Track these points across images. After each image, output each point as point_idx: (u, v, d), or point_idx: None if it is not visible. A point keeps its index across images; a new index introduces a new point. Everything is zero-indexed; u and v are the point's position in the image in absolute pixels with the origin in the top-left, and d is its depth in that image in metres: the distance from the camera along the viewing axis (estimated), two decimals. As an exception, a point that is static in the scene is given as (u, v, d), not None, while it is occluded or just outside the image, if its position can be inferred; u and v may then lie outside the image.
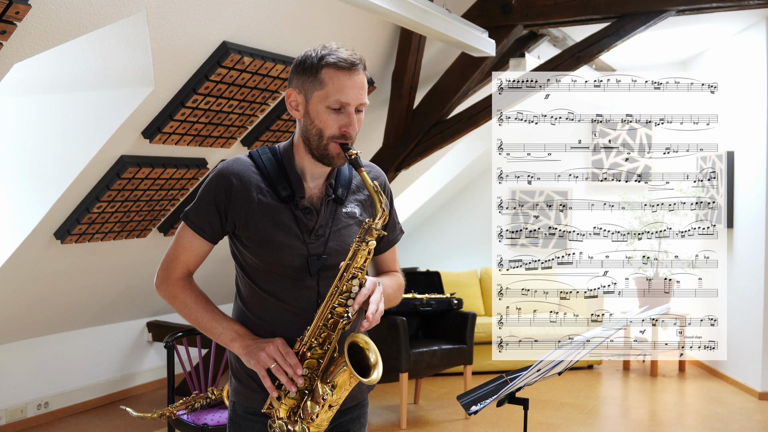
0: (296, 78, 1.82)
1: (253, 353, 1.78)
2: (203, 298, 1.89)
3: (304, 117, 1.82)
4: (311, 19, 4.13)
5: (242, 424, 1.89)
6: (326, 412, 1.80)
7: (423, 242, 8.26)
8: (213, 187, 1.84)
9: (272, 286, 1.84)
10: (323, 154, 1.82)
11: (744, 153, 5.97)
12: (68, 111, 3.80)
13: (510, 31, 4.93)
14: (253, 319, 1.87)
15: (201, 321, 1.86)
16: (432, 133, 5.32)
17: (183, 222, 1.89)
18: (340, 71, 1.77)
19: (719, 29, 5.89)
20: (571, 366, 2.77)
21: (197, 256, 1.89)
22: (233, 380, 1.93)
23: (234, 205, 1.83)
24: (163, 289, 1.90)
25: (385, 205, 1.81)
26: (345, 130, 1.79)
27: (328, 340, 1.80)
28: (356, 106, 1.80)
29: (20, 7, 2.69)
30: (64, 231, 4.13)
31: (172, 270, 1.88)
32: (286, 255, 1.82)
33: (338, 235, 1.88)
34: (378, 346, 6.00)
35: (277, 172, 1.86)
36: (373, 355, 1.81)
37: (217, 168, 1.87)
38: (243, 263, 1.88)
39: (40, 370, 5.03)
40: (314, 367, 1.80)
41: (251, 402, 1.88)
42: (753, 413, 5.31)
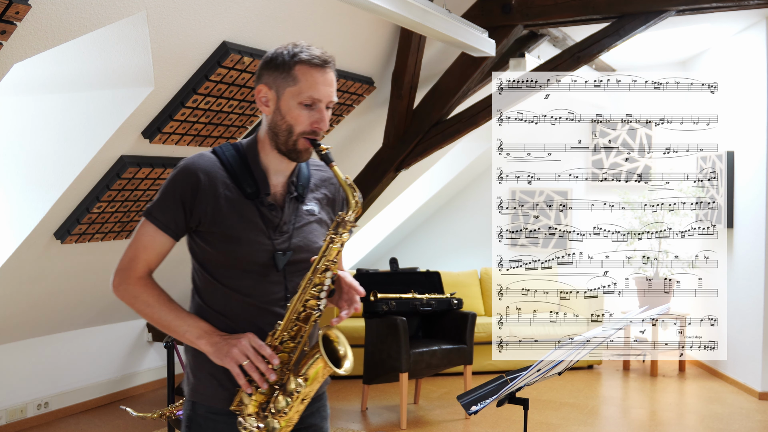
0: (267, 74, 1.84)
1: (224, 350, 1.77)
2: (165, 296, 1.86)
3: (274, 113, 1.84)
4: (311, 20, 4.13)
5: (204, 424, 1.87)
6: (299, 405, 1.81)
7: (423, 242, 8.26)
8: (180, 183, 1.83)
9: (236, 282, 1.84)
10: (291, 149, 1.84)
11: (744, 153, 5.97)
12: (68, 111, 3.80)
13: (510, 31, 4.93)
14: (215, 315, 1.86)
15: (164, 320, 1.84)
16: (432, 133, 5.32)
17: (145, 219, 1.86)
18: (313, 68, 1.80)
19: (719, 29, 5.89)
20: (571, 366, 2.77)
21: (159, 255, 1.87)
22: (191, 379, 1.91)
23: (200, 201, 1.82)
24: (123, 290, 1.86)
25: (358, 198, 1.84)
26: (316, 125, 1.82)
27: (299, 333, 1.82)
28: (326, 102, 1.83)
29: (20, 7, 2.69)
30: (64, 231, 4.13)
31: (133, 269, 1.85)
32: (252, 251, 1.83)
33: (301, 232, 1.90)
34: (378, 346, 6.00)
35: (241, 169, 1.86)
36: (343, 348, 1.84)
37: (183, 164, 1.86)
38: (204, 260, 1.87)
39: (40, 370, 5.03)
40: (285, 360, 1.81)
41: (213, 401, 1.86)
42: (753, 413, 5.31)
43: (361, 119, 5.53)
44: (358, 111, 5.32)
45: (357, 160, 5.86)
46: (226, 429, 1.83)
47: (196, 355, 1.88)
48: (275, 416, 1.79)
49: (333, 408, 5.46)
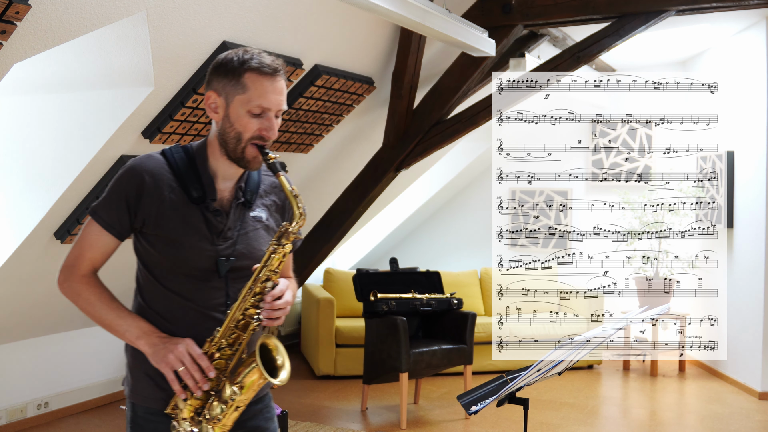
0: (216, 80, 1.82)
1: (160, 353, 1.77)
2: (108, 294, 1.86)
3: (223, 120, 1.82)
4: (311, 19, 4.13)
5: (144, 425, 1.87)
6: (233, 412, 1.81)
7: (423, 242, 8.26)
8: (125, 183, 1.82)
9: (178, 285, 1.84)
10: (240, 156, 1.82)
11: (744, 153, 5.97)
12: (68, 111, 3.80)
13: (510, 31, 4.93)
14: (155, 315, 1.86)
15: (105, 318, 1.84)
16: (432, 133, 5.32)
17: (90, 218, 1.86)
18: (263, 76, 1.79)
19: (719, 29, 5.89)
20: (571, 366, 2.77)
21: (104, 254, 1.87)
22: (129, 379, 1.91)
23: (145, 203, 1.81)
24: (66, 287, 1.87)
25: (303, 210, 1.83)
26: (264, 133, 1.81)
27: (237, 341, 1.81)
28: (276, 111, 1.82)
29: (20, 7, 2.69)
30: (64, 231, 4.13)
31: (77, 267, 1.86)
32: (194, 256, 1.83)
33: (246, 239, 1.89)
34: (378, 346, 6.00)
35: (189, 173, 1.85)
36: (281, 357, 1.83)
37: (129, 164, 1.85)
38: (147, 260, 1.87)
39: (40, 370, 5.03)
40: (222, 367, 1.81)
41: (151, 402, 1.86)
42: (753, 413, 5.31)
43: (361, 119, 5.53)
44: (358, 111, 5.32)
45: (357, 160, 5.85)
46: (166, 430, 1.83)
47: (135, 356, 1.87)
48: (209, 422, 1.79)
49: (333, 408, 5.46)
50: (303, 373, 6.43)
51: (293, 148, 5.16)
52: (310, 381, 6.20)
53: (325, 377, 6.30)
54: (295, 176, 5.61)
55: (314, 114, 4.89)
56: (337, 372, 6.26)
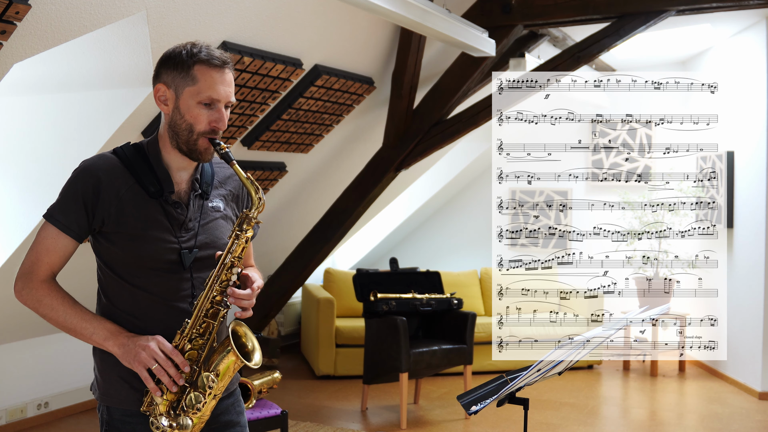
0: (165, 73, 1.84)
1: (131, 352, 1.76)
2: (69, 299, 1.85)
3: (173, 112, 1.84)
4: (311, 19, 4.13)
5: (122, 428, 1.85)
6: (210, 401, 1.82)
7: (423, 242, 8.26)
8: (80, 184, 1.82)
9: (143, 281, 1.84)
10: (192, 148, 1.84)
11: (744, 153, 5.97)
12: (68, 111, 3.80)
13: (510, 31, 4.93)
14: (123, 315, 1.85)
15: (70, 323, 1.82)
16: (432, 133, 5.32)
17: (46, 221, 1.85)
18: (212, 68, 1.81)
19: (719, 29, 5.89)
20: (571, 366, 2.77)
21: (62, 257, 1.85)
22: (100, 382, 1.89)
23: (102, 202, 1.81)
24: (26, 295, 1.84)
25: (261, 195, 1.85)
26: (215, 125, 1.83)
27: (208, 329, 1.83)
28: (225, 102, 1.84)
29: (20, 7, 2.69)
30: (64, 231, 4.12)
31: (35, 273, 1.83)
32: (158, 249, 1.83)
33: (207, 229, 1.91)
34: (378, 346, 5.99)
35: (143, 168, 1.86)
36: (250, 343, 1.86)
37: (82, 165, 1.85)
38: (109, 260, 1.86)
39: (40, 370, 5.03)
40: (195, 357, 1.83)
41: (126, 404, 1.85)
42: (753, 413, 5.31)
43: (361, 119, 5.53)
44: (358, 111, 5.32)
45: (357, 160, 5.86)
46: (144, 429, 1.83)
47: (104, 358, 1.86)
48: (187, 413, 1.80)
49: (333, 408, 5.46)
50: (303, 373, 6.43)
51: (293, 148, 5.16)
52: (310, 381, 6.20)
53: (325, 377, 6.30)
54: (295, 176, 5.61)
55: (314, 114, 4.89)
56: (337, 372, 6.26)
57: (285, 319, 7.23)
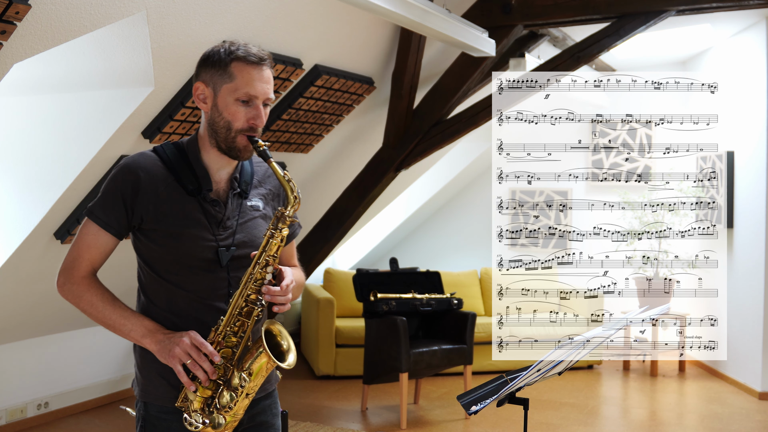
0: (204, 72, 1.86)
1: (166, 348, 1.78)
2: (110, 295, 1.87)
3: (212, 109, 1.85)
4: (311, 20, 4.13)
5: (157, 423, 1.88)
6: (243, 400, 1.83)
7: (423, 242, 8.26)
8: (119, 182, 1.84)
9: (181, 278, 1.85)
10: (231, 146, 1.85)
11: (744, 153, 5.97)
12: (68, 111, 3.80)
13: (510, 31, 4.93)
14: (161, 312, 1.87)
15: (109, 319, 1.84)
16: (432, 133, 5.32)
17: (87, 218, 1.86)
18: (249, 65, 1.82)
19: (719, 29, 5.89)
20: (571, 366, 2.77)
21: (102, 253, 1.87)
22: (140, 379, 1.91)
23: (141, 200, 1.83)
24: (67, 290, 1.87)
25: (297, 193, 1.86)
26: (253, 122, 1.83)
27: (242, 328, 1.84)
28: (263, 99, 1.85)
29: (20, 7, 2.69)
30: (64, 231, 4.12)
31: (76, 269, 1.86)
32: (196, 247, 1.84)
33: (245, 228, 1.91)
34: (378, 346, 5.99)
35: (182, 166, 1.87)
36: (285, 342, 1.87)
37: (123, 162, 1.86)
38: (149, 257, 1.88)
39: (40, 370, 5.03)
40: (229, 356, 1.83)
41: (163, 400, 1.87)
42: (753, 413, 5.31)
43: (361, 119, 5.53)
44: (358, 111, 5.32)
45: (357, 160, 5.85)
46: (179, 427, 1.84)
47: (144, 355, 1.89)
48: (220, 411, 1.81)
49: (333, 408, 5.46)
50: (303, 373, 6.43)
51: (293, 148, 5.16)
52: (310, 381, 6.20)
53: (325, 377, 6.30)
54: (295, 176, 5.61)
55: (314, 114, 4.89)
56: (337, 372, 6.26)
57: (285, 318, 7.23)
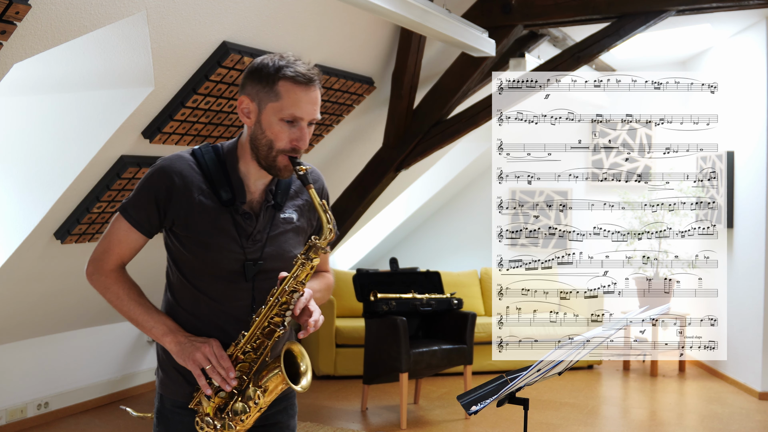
0: (250, 86, 1.82)
1: (188, 352, 1.80)
2: (136, 290, 1.89)
3: (255, 125, 1.82)
4: (311, 19, 4.13)
5: (170, 417, 1.91)
6: (255, 413, 1.85)
7: (423, 242, 8.26)
8: (155, 183, 1.84)
9: (205, 285, 1.86)
10: (271, 164, 1.83)
11: (744, 153, 5.97)
12: (68, 111, 3.80)
13: (510, 31, 4.92)
14: (183, 313, 1.88)
15: (132, 313, 1.86)
16: (432, 133, 5.32)
17: (119, 214, 1.87)
18: (297, 85, 1.78)
19: (719, 29, 5.89)
20: (571, 366, 2.77)
21: (132, 250, 1.89)
22: (160, 373, 1.94)
23: (174, 204, 1.82)
24: (95, 280, 1.89)
25: (332, 226, 1.82)
26: (296, 143, 1.81)
27: (262, 346, 1.83)
28: (308, 120, 1.82)
29: (20, 7, 2.69)
30: (64, 231, 4.12)
31: (105, 261, 1.88)
32: (222, 258, 1.84)
33: (275, 241, 1.90)
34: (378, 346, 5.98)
35: (219, 174, 1.85)
36: (304, 364, 1.86)
37: (159, 164, 1.86)
38: (177, 258, 1.89)
39: (40, 370, 5.03)
40: (246, 370, 1.84)
41: (178, 395, 1.90)
42: (753, 413, 5.31)
43: (361, 119, 5.52)
44: (358, 111, 5.31)
45: (357, 160, 5.85)
46: (192, 422, 1.86)
47: (165, 350, 1.90)
48: (232, 420, 1.83)
49: (333, 408, 5.46)
50: (303, 373, 6.43)
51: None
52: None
53: (325, 377, 6.30)
54: (295, 176, 5.60)
55: (314, 114, 4.89)
56: (337, 372, 6.26)
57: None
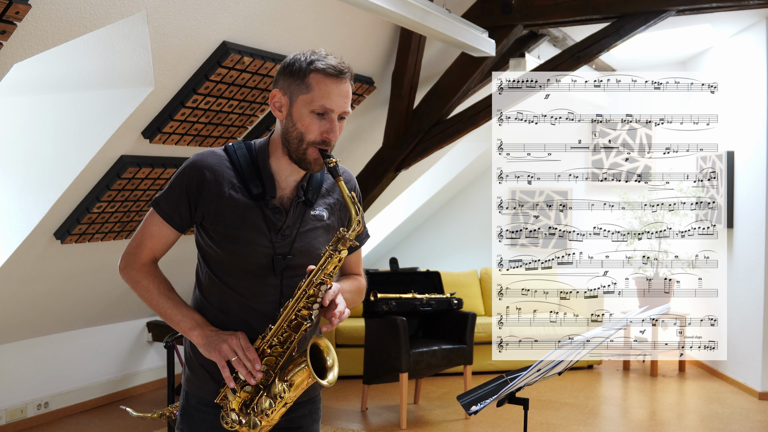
0: (283, 80, 1.85)
1: (214, 344, 1.81)
2: (166, 284, 1.90)
3: (286, 119, 1.85)
4: (311, 19, 4.13)
5: (195, 414, 1.92)
6: (281, 408, 1.84)
7: (423, 242, 8.26)
8: (186, 178, 1.86)
9: (234, 280, 1.87)
10: (301, 158, 1.84)
11: (744, 153, 5.97)
12: (68, 111, 3.80)
13: (510, 31, 4.92)
14: (211, 309, 1.89)
15: (161, 307, 1.88)
16: (432, 133, 5.32)
17: (152, 209, 1.89)
18: (328, 77, 1.80)
19: (719, 29, 5.89)
20: (571, 366, 2.77)
21: (164, 244, 1.91)
22: (186, 370, 1.96)
23: (205, 198, 1.84)
24: (127, 274, 1.91)
25: (361, 218, 1.84)
26: (326, 135, 1.82)
27: (289, 339, 1.84)
28: (339, 113, 1.84)
29: (20, 7, 2.69)
30: (64, 231, 4.13)
31: (137, 255, 1.90)
32: (251, 252, 1.85)
33: (304, 237, 1.91)
34: (378, 346, 5.99)
35: (250, 170, 1.87)
36: (331, 359, 1.87)
37: (192, 159, 1.88)
38: (206, 254, 1.90)
39: (40, 370, 5.03)
40: (272, 364, 1.84)
41: (204, 392, 1.90)
42: (753, 413, 5.31)
43: (361, 119, 5.53)
44: (358, 111, 5.32)
45: (357, 160, 5.86)
46: (216, 421, 1.87)
47: (193, 347, 1.92)
48: (257, 415, 1.83)
49: (333, 408, 5.46)
50: (303, 373, 6.43)
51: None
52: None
53: (325, 377, 6.29)
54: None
55: (314, 114, 4.89)
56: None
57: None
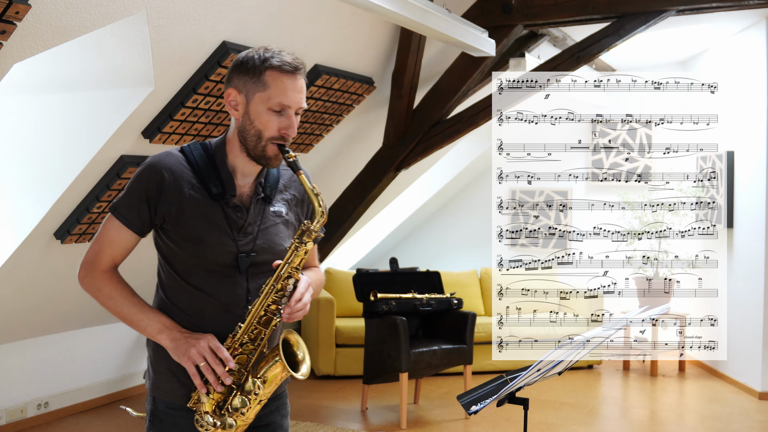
0: (237, 77, 1.84)
1: (182, 348, 1.80)
2: (129, 290, 1.89)
3: (243, 117, 1.84)
4: (311, 19, 4.13)
5: (164, 419, 1.90)
6: (256, 406, 1.84)
7: (423, 242, 8.26)
8: (145, 180, 1.84)
9: (199, 281, 1.86)
10: (260, 155, 1.84)
11: (744, 153, 5.97)
12: (68, 111, 3.80)
13: (510, 31, 4.93)
14: (176, 311, 1.88)
15: (127, 313, 1.87)
16: (432, 133, 5.32)
17: (110, 214, 1.88)
18: (284, 74, 1.81)
19: (719, 29, 5.89)
20: (571, 366, 2.77)
21: (124, 249, 1.89)
22: (151, 374, 1.93)
23: (164, 200, 1.83)
24: (88, 283, 1.89)
25: (324, 208, 1.85)
26: (284, 132, 1.83)
27: (259, 336, 1.84)
28: (296, 109, 1.84)
29: (20, 7, 2.69)
30: (64, 231, 4.13)
31: (97, 263, 1.88)
32: (215, 252, 1.85)
33: (266, 234, 1.91)
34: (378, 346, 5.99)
35: (208, 169, 1.87)
36: (301, 352, 1.88)
37: (149, 161, 1.87)
38: (168, 255, 1.89)
39: (40, 370, 5.03)
40: (244, 362, 1.84)
41: (172, 397, 1.89)
42: (753, 413, 5.31)
43: (361, 119, 5.53)
44: (358, 111, 5.32)
45: (357, 160, 5.85)
46: (186, 424, 1.86)
47: (157, 351, 1.90)
48: (232, 415, 1.82)
49: (333, 408, 5.46)
50: (303, 373, 6.43)
51: (293, 148, 5.17)
52: (310, 381, 6.20)
53: (325, 377, 6.30)
54: (295, 176, 5.60)
55: (314, 114, 4.89)
56: (337, 372, 6.26)
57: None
